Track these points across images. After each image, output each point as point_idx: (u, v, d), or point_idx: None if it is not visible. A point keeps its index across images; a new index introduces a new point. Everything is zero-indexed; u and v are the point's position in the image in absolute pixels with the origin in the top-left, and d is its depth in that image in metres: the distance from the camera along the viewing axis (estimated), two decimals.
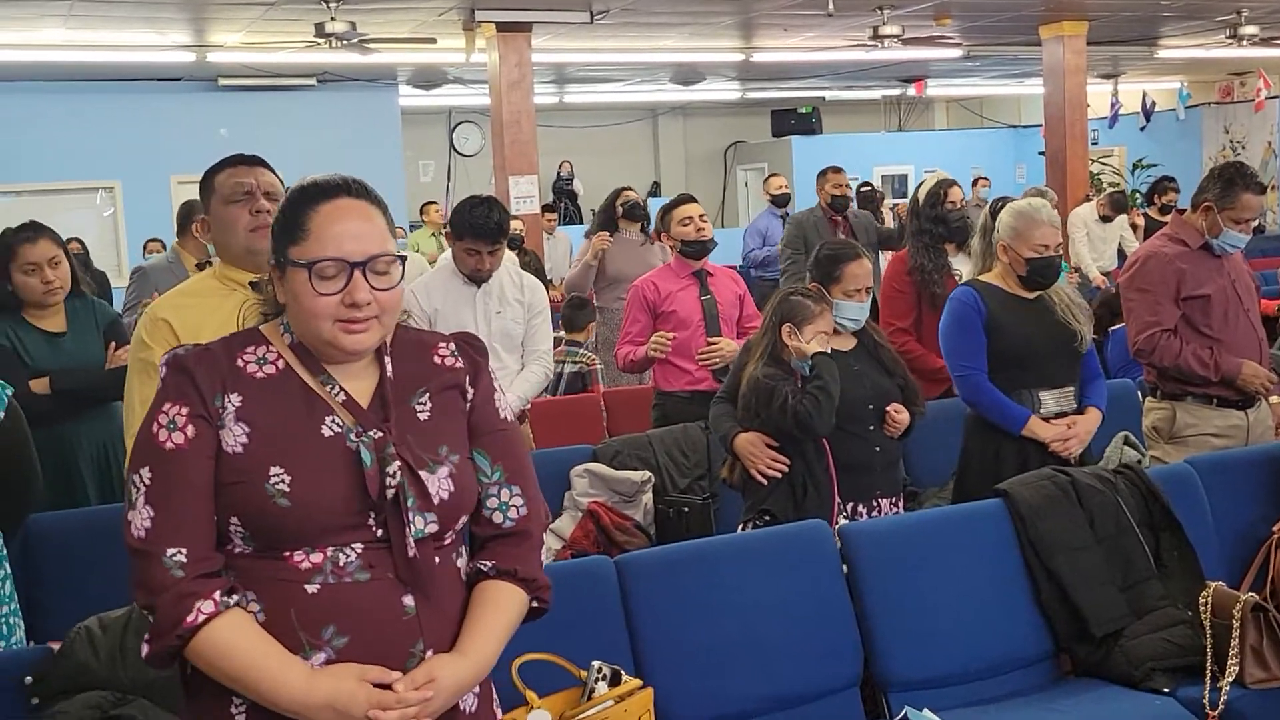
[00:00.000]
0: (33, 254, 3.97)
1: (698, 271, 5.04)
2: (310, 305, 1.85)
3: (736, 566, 3.23)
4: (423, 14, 9.68)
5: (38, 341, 3.99)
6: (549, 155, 15.23)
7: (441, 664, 1.84)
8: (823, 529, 3.39)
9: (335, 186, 1.91)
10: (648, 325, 4.97)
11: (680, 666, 3.03)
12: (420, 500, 1.85)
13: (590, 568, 3.16)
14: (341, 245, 1.86)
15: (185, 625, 1.77)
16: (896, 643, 3.24)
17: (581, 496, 4.37)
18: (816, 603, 3.22)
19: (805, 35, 11.74)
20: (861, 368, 3.82)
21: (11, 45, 10.12)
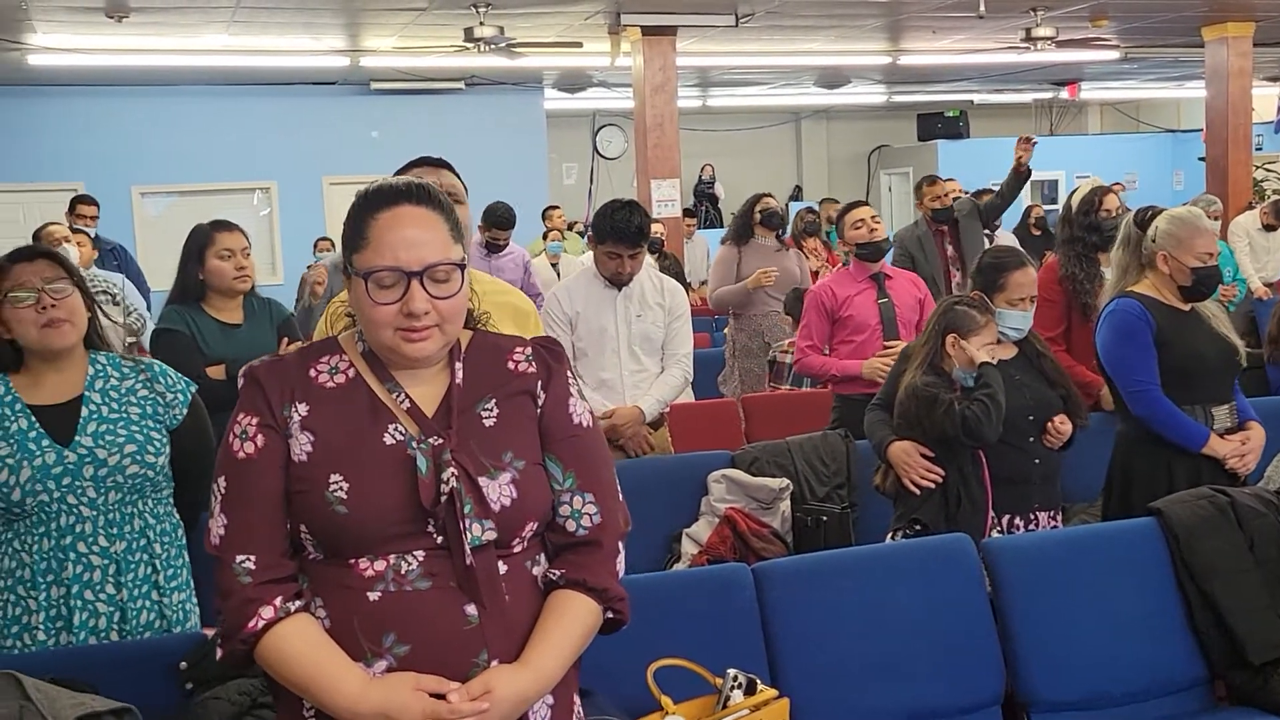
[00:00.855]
0: (230, 241, 4.16)
1: (876, 275, 5.07)
2: (370, 314, 1.86)
3: (877, 578, 3.18)
4: (569, 18, 9.78)
5: (214, 331, 4.14)
6: (691, 158, 15.25)
7: (500, 675, 1.80)
8: (965, 543, 3.31)
9: (396, 193, 1.89)
10: (826, 330, 5.03)
11: (817, 677, 2.99)
12: (477, 507, 1.82)
13: (727, 574, 3.14)
14: (398, 254, 1.84)
15: (246, 630, 1.80)
16: (1041, 662, 3.15)
17: (719, 502, 4.35)
18: (958, 618, 3.15)
19: (954, 38, 11.54)
20: (1023, 378, 3.73)
21: (177, 50, 10.52)
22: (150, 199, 13.10)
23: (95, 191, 9.73)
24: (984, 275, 3.87)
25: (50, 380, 2.79)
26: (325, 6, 9.09)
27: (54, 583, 2.72)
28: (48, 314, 2.72)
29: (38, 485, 2.68)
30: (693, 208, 14.66)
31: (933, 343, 3.69)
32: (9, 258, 2.82)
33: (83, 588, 2.73)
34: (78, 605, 2.72)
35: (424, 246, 1.85)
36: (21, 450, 2.69)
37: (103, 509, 2.75)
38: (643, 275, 4.62)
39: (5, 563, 2.74)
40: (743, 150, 17.75)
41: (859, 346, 4.96)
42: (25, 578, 2.72)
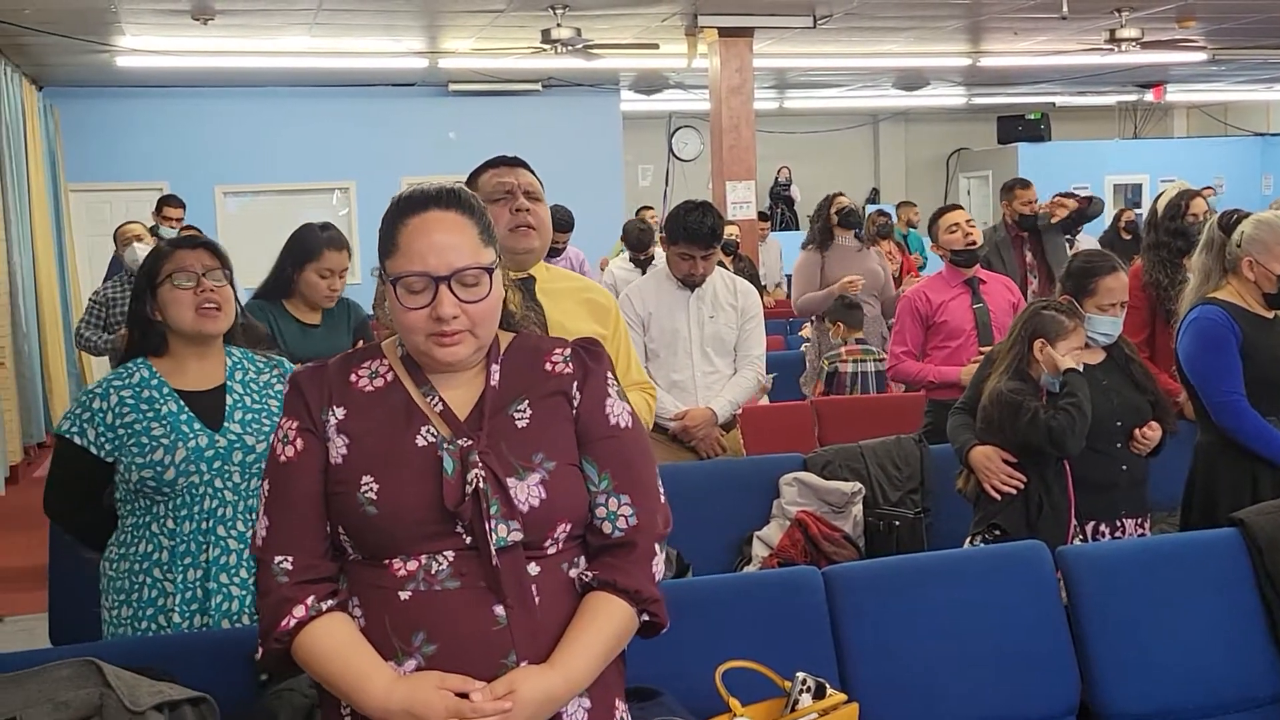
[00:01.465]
0: (335, 261, 4.23)
1: (970, 280, 5.00)
2: (401, 319, 1.88)
3: (950, 584, 3.14)
4: (646, 20, 9.80)
5: (293, 330, 4.23)
6: (767, 160, 15.20)
7: (525, 676, 1.80)
8: (1040, 550, 3.26)
9: (425, 199, 1.91)
10: (920, 336, 4.98)
11: (887, 683, 2.95)
12: (504, 508, 1.83)
13: (797, 577, 3.11)
14: (426, 259, 1.86)
15: (279, 629, 1.84)
16: (1117, 673, 3.09)
17: (790, 505, 4.32)
18: (1032, 626, 3.10)
19: (1037, 39, 11.39)
20: (1110, 383, 3.67)
21: (260, 52, 10.70)
22: (232, 198, 13.32)
23: (179, 190, 9.94)
24: (1074, 279, 3.80)
25: (193, 367, 2.87)
26: (405, 8, 9.20)
27: (192, 565, 2.78)
28: (204, 297, 2.81)
29: (190, 467, 2.75)
30: (767, 210, 14.59)
31: (1019, 347, 3.64)
32: (172, 243, 2.93)
33: (219, 570, 2.80)
34: (214, 588, 2.79)
35: (452, 251, 1.87)
36: (176, 432, 2.77)
37: (244, 495, 2.82)
38: (715, 276, 4.61)
39: (142, 546, 2.80)
40: (819, 153, 17.66)
41: (954, 353, 4.91)
42: (163, 560, 2.78)
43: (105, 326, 6.16)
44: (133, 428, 2.77)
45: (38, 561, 5.60)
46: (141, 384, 2.82)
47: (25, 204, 9.74)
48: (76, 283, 11.64)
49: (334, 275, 4.24)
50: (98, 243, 11.15)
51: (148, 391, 2.81)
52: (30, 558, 6.20)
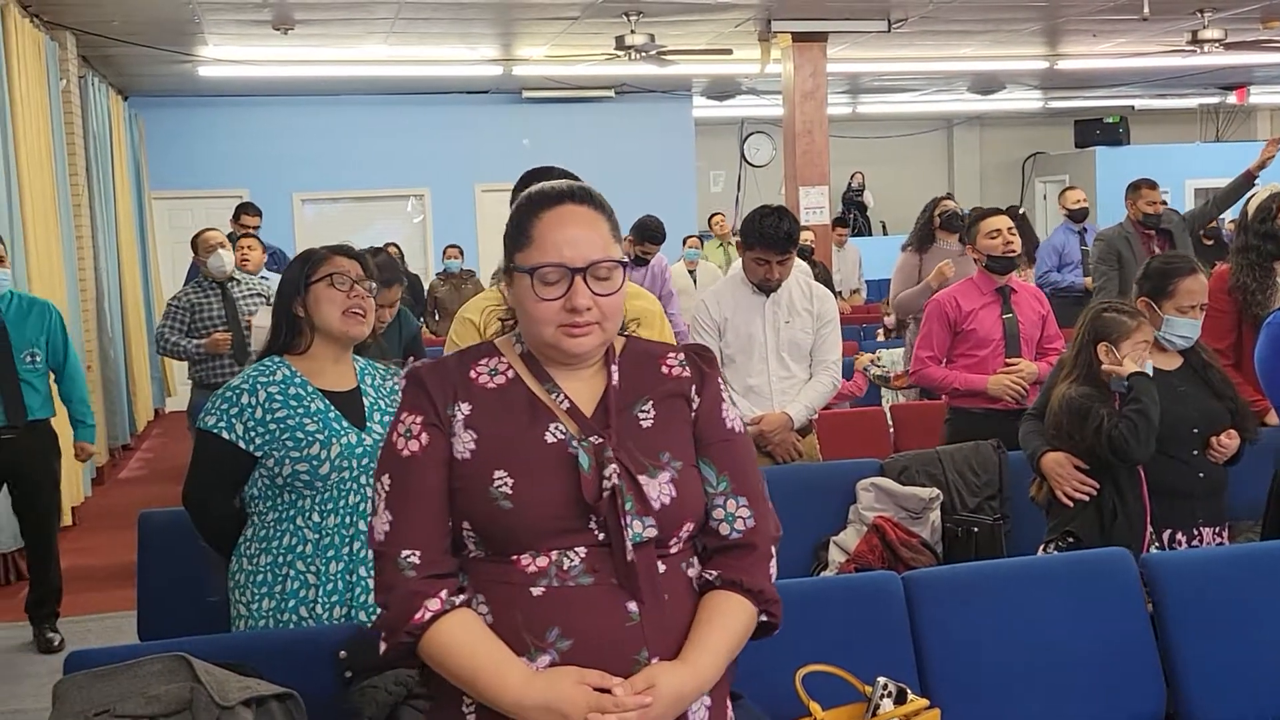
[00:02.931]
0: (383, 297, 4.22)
1: (1001, 288, 4.87)
2: (533, 310, 1.89)
3: (1032, 591, 3.10)
4: (720, 25, 9.79)
5: None
6: (840, 166, 15.12)
7: (662, 672, 1.81)
8: (1125, 558, 3.21)
9: (560, 194, 1.93)
10: (947, 341, 4.87)
11: (969, 689, 2.93)
12: (638, 504, 1.84)
13: (877, 582, 3.10)
14: (562, 251, 1.88)
15: (413, 623, 1.83)
16: (1205, 683, 3.04)
17: (867, 510, 4.30)
18: (1117, 635, 3.05)
19: (1116, 41, 11.23)
20: (1187, 389, 3.60)
21: (338, 60, 10.85)
22: (310, 205, 13.53)
23: (258, 198, 10.09)
24: (1151, 281, 3.74)
25: (330, 370, 2.97)
26: (480, 16, 9.28)
27: (335, 558, 2.86)
28: (354, 302, 2.92)
29: (344, 462, 2.85)
30: (843, 216, 14.51)
31: (1084, 353, 3.59)
32: (331, 249, 3.04)
33: (359, 564, 2.88)
34: (357, 580, 2.87)
35: (587, 244, 1.89)
36: (329, 428, 2.86)
37: None
38: (791, 281, 4.60)
39: (285, 540, 2.88)
40: (893, 158, 17.54)
41: (980, 362, 4.78)
42: (307, 553, 2.86)
43: (190, 331, 6.27)
44: (285, 423, 2.84)
45: (124, 560, 5.74)
46: (285, 381, 2.90)
47: (111, 211, 9.96)
48: (159, 288, 11.88)
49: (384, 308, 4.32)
50: (179, 249, 11.36)
51: (293, 389, 2.89)
52: (116, 557, 6.35)
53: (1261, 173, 7.55)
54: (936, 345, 4.88)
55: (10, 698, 4.87)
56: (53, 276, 7.55)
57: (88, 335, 8.81)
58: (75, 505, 7.70)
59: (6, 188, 6.53)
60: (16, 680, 5.05)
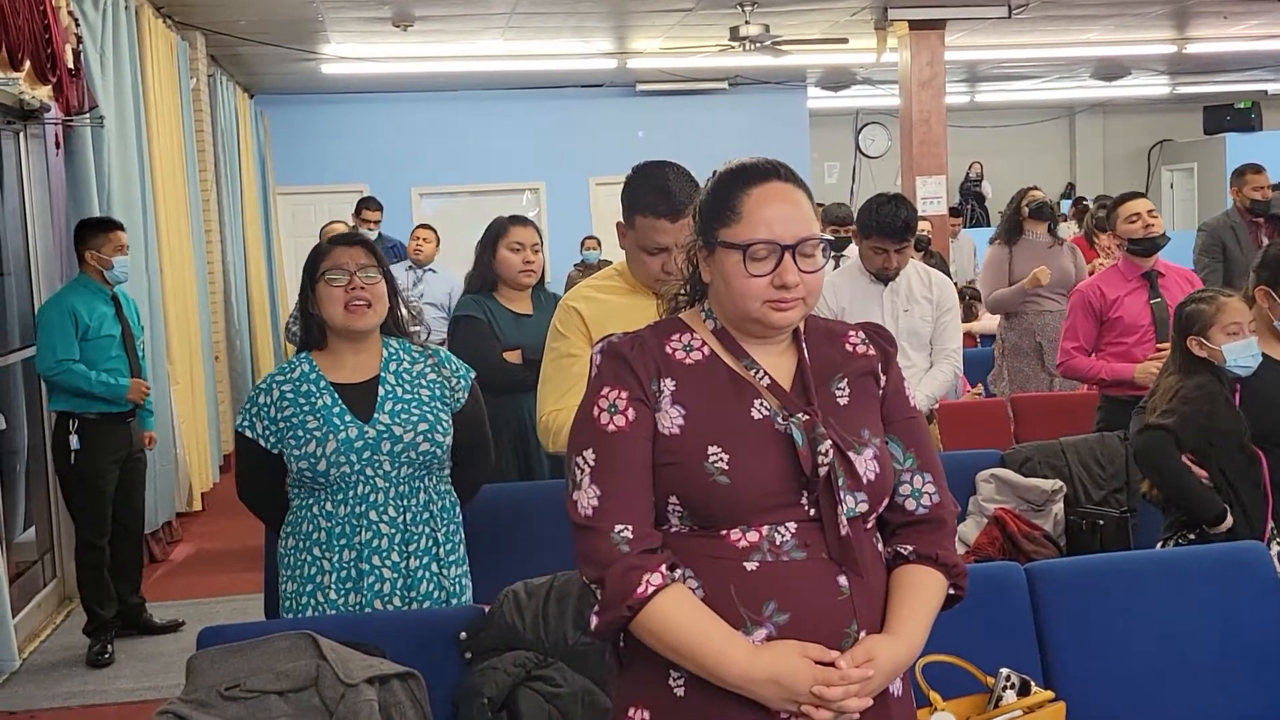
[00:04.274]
0: (521, 235, 4.38)
1: (1147, 273, 4.79)
2: (741, 286, 1.90)
3: (1160, 584, 3.02)
4: (835, 14, 9.71)
5: (508, 319, 4.35)
6: (957, 155, 14.87)
7: (879, 644, 1.84)
8: (1259, 551, 3.12)
9: (766, 170, 1.95)
10: (1093, 331, 4.80)
11: (1095, 683, 2.87)
12: (850, 480, 1.86)
13: (999, 573, 3.04)
14: (773, 228, 1.89)
15: (635, 597, 1.82)
16: None
17: (987, 502, 4.23)
18: (1251, 629, 2.96)
19: (1249, 23, 10.86)
20: None
21: (456, 56, 11.00)
22: (428, 199, 13.74)
23: (378, 192, 10.28)
24: (1270, 269, 3.62)
25: (350, 360, 2.99)
26: (595, 10, 9.32)
27: (346, 546, 2.91)
28: (354, 294, 2.92)
29: (341, 458, 2.87)
30: (957, 207, 14.27)
31: (1178, 351, 3.55)
32: (331, 240, 3.05)
33: (371, 553, 2.91)
34: (366, 569, 2.90)
35: (796, 222, 1.91)
36: (328, 425, 2.89)
37: (394, 481, 2.92)
38: (910, 269, 4.54)
39: (304, 527, 2.95)
40: (1012, 147, 17.21)
41: (1130, 349, 4.70)
42: (321, 540, 2.92)
43: None
44: (290, 421, 2.90)
45: (250, 544, 5.91)
46: (302, 378, 2.95)
47: (238, 206, 10.24)
48: (284, 281, 12.18)
49: (525, 249, 4.34)
50: (303, 243, 11.61)
51: (306, 385, 2.94)
52: (243, 540, 6.54)
53: None
54: (1082, 336, 4.83)
55: (144, 675, 5.04)
56: (183, 270, 7.79)
57: (215, 327, 9.06)
58: (204, 491, 7.94)
59: (140, 184, 6.74)
60: (148, 658, 5.23)
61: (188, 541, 7.19)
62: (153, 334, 6.69)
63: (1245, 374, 3.45)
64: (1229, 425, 3.40)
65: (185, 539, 7.22)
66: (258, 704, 2.57)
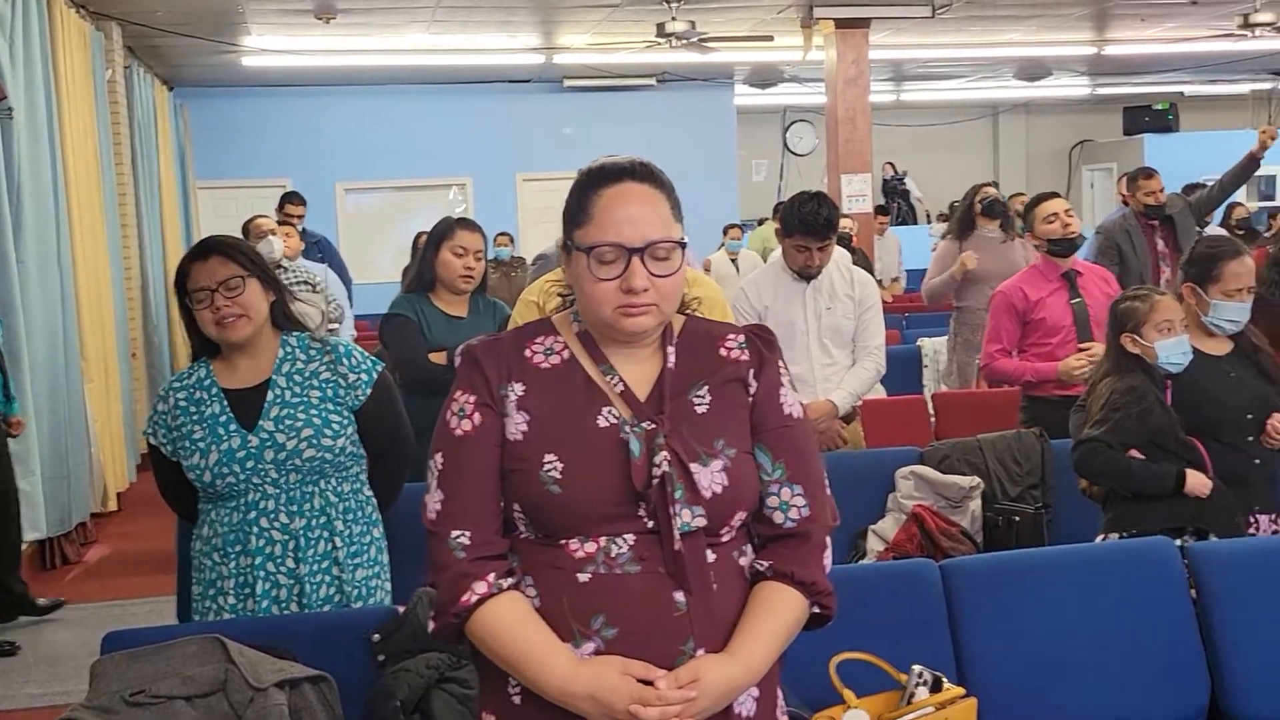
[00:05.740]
0: (467, 239, 4.30)
1: (1067, 273, 4.80)
2: (591, 290, 1.86)
3: (1071, 580, 3.05)
4: (761, 12, 9.75)
5: (439, 320, 4.30)
6: (883, 154, 15.02)
7: (708, 664, 1.78)
8: (1167, 546, 3.16)
9: (620, 170, 1.89)
10: (1016, 333, 4.79)
11: (1006, 679, 2.89)
12: (688, 493, 1.81)
13: (914, 570, 3.06)
14: (620, 230, 1.84)
15: (460, 605, 1.81)
16: (1250, 677, 2.98)
17: (906, 499, 4.26)
18: (1159, 624, 3.00)
19: (1165, 26, 11.07)
20: (1239, 374, 3.55)
21: (380, 50, 10.89)
22: (353, 194, 13.59)
23: (301, 187, 10.15)
24: (1197, 266, 3.67)
25: (243, 365, 2.93)
26: (521, 4, 9.28)
27: (241, 553, 2.87)
28: (220, 312, 2.84)
29: (224, 469, 2.82)
30: (885, 205, 14.39)
31: (1113, 349, 3.59)
32: (188, 257, 2.94)
33: (265, 560, 2.86)
34: (260, 576, 2.86)
35: (646, 224, 1.85)
36: (212, 435, 2.84)
37: (284, 488, 2.87)
38: (832, 267, 4.56)
39: (205, 530, 2.92)
40: (937, 146, 17.40)
41: (1053, 350, 4.71)
42: (219, 545, 2.89)
43: None
44: (180, 430, 2.87)
45: (165, 546, 5.79)
46: (196, 384, 2.91)
47: (156, 201, 10.05)
48: None
49: (467, 254, 4.29)
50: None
51: (199, 393, 2.89)
52: (161, 541, 6.40)
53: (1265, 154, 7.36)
54: (1006, 338, 4.81)
55: (52, 679, 4.93)
56: (98, 265, 7.63)
57: (133, 324, 8.89)
58: (120, 491, 7.79)
59: (52, 178, 6.59)
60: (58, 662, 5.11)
61: (103, 543, 7.04)
62: (65, 330, 6.55)
63: (1176, 370, 3.50)
64: (1162, 422, 3.44)
65: (100, 540, 7.07)
66: (164, 709, 2.51)
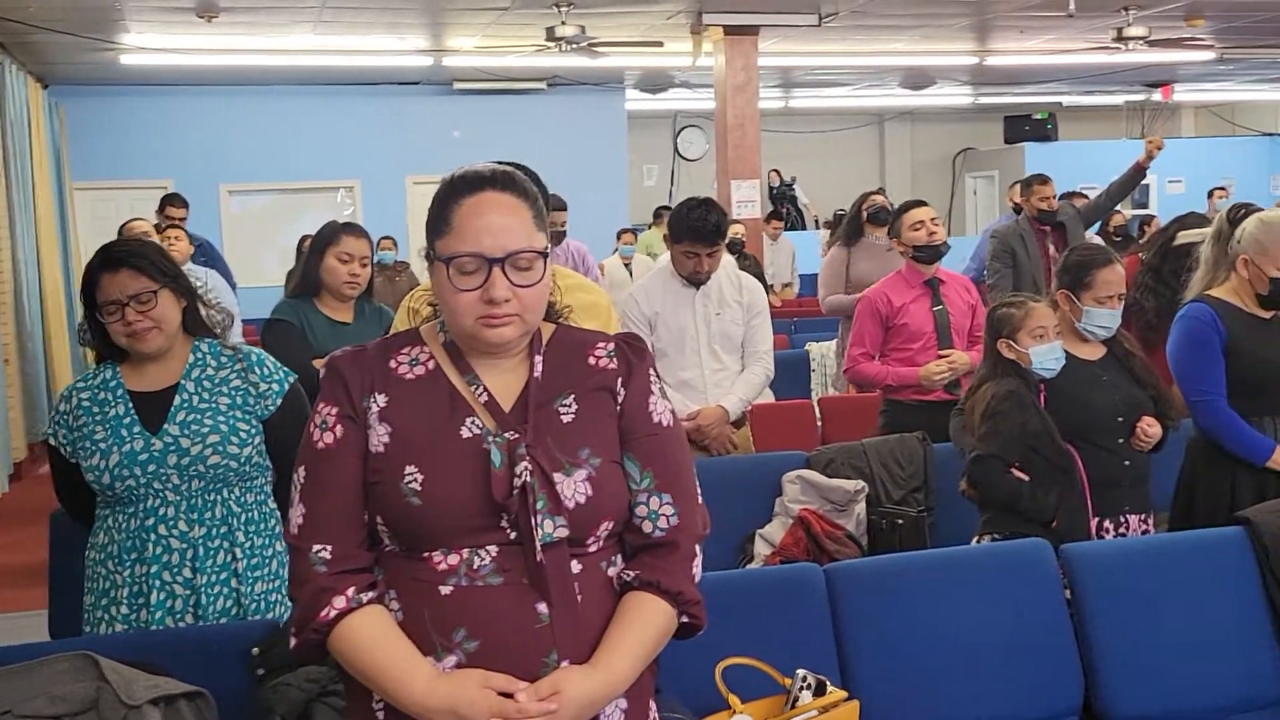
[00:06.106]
0: (352, 245, 4.24)
1: (930, 280, 4.89)
2: (452, 301, 1.84)
3: (952, 582, 3.11)
4: (651, 17, 9.78)
5: (323, 326, 4.24)
6: (772, 160, 15.18)
7: (569, 677, 1.77)
8: (1044, 548, 3.23)
9: (481, 179, 1.87)
10: (879, 337, 4.87)
11: (889, 681, 2.93)
12: (550, 504, 1.80)
13: (799, 575, 3.09)
14: (480, 240, 1.82)
15: (319, 620, 1.79)
16: (1121, 674, 3.06)
17: (792, 503, 4.30)
18: (1035, 626, 3.07)
19: (1044, 38, 11.35)
20: (1111, 378, 3.65)
21: (265, 50, 10.69)
22: (237, 197, 13.32)
23: (184, 189, 9.92)
24: (1070, 273, 3.77)
25: (151, 369, 2.88)
26: (409, 6, 9.19)
27: (137, 561, 2.80)
28: (132, 326, 2.80)
29: (124, 471, 2.76)
30: (779, 209, 14.53)
31: (990, 354, 3.66)
32: (97, 266, 2.87)
33: (161, 569, 2.80)
34: (155, 585, 2.80)
35: (506, 233, 1.84)
36: (114, 436, 2.78)
37: (185, 495, 2.82)
38: (721, 273, 4.58)
39: (100, 538, 2.85)
40: (825, 152, 17.63)
41: (913, 355, 4.79)
42: (114, 553, 2.82)
43: None
44: (82, 431, 2.81)
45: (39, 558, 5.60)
46: (102, 385, 2.86)
47: (30, 202, 9.74)
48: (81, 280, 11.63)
49: (353, 260, 4.24)
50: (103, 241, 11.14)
51: (104, 394, 2.84)
52: (32, 554, 6.20)
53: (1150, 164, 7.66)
54: (869, 342, 4.88)
55: None
56: None
57: (4, 329, 8.61)
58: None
59: None
60: None
61: None
62: None
63: (1049, 376, 3.58)
64: (1039, 426, 3.52)
65: None
66: None
